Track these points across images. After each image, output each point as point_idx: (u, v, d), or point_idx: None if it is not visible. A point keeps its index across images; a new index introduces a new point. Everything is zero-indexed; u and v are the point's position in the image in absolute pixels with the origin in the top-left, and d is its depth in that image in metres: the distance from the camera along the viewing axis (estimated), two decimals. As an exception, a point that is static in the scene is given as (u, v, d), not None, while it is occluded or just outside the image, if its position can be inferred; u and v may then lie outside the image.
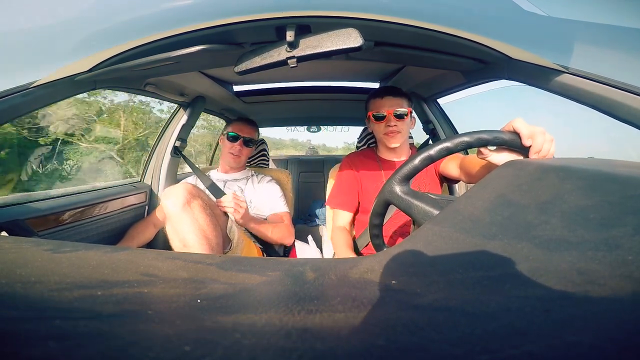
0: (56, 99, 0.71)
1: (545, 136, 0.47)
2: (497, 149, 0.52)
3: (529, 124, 0.48)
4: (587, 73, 0.59)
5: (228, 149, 1.32)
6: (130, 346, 0.15)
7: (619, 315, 0.16)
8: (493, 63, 0.78)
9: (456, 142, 0.47)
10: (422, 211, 0.46)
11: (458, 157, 0.94)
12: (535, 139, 0.47)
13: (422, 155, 0.48)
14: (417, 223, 0.47)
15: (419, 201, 0.47)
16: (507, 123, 0.50)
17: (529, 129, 0.47)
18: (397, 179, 0.50)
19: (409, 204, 0.48)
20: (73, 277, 0.26)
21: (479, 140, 0.47)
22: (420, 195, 0.48)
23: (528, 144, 0.47)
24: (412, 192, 0.49)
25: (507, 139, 0.48)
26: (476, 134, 0.47)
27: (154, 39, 0.66)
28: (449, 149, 0.47)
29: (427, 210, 0.45)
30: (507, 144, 0.48)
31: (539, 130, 0.47)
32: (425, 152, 0.48)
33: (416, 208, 0.47)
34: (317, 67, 1.26)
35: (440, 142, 0.48)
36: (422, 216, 0.45)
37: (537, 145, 0.47)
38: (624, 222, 0.22)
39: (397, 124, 1.00)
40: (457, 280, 0.23)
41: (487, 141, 0.48)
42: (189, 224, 0.85)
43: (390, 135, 1.01)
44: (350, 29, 0.59)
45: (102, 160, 4.09)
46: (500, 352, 0.14)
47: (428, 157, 0.48)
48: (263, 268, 0.30)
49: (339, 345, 0.16)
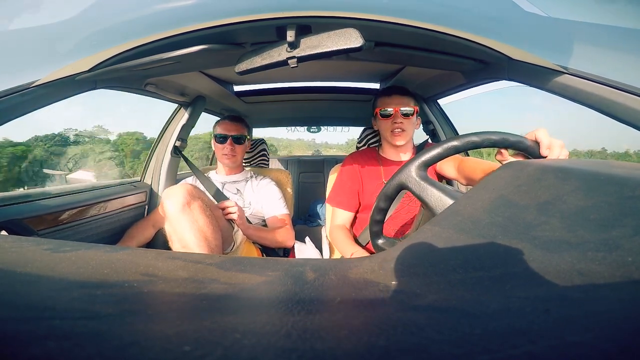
0: (56, 99, 0.71)
1: (562, 150, 0.49)
2: (514, 154, 0.54)
3: (549, 134, 0.50)
4: (587, 74, 0.59)
5: (220, 150, 1.30)
6: (130, 346, 0.15)
7: (619, 315, 0.16)
8: (493, 63, 0.78)
9: (483, 137, 0.48)
10: (437, 198, 0.46)
11: (457, 159, 0.94)
12: (552, 150, 0.49)
13: (447, 145, 0.49)
14: (430, 210, 0.47)
15: (436, 188, 0.47)
16: (530, 131, 0.52)
17: (550, 140, 0.49)
18: (418, 163, 0.50)
19: (425, 189, 0.48)
20: (73, 277, 0.26)
21: (502, 141, 0.49)
22: (437, 183, 0.48)
23: (545, 154, 0.49)
24: (429, 179, 0.49)
25: (528, 145, 0.49)
26: (502, 134, 0.49)
27: (155, 39, 0.66)
28: (475, 143, 0.48)
29: (443, 199, 0.45)
30: (527, 150, 0.50)
31: (558, 143, 0.49)
32: (450, 141, 0.49)
33: (431, 194, 0.47)
34: (318, 67, 1.26)
35: (468, 136, 0.49)
36: (437, 204, 0.46)
37: (553, 157, 0.49)
38: (623, 223, 0.22)
39: (403, 122, 1.02)
40: (457, 280, 0.23)
41: (511, 143, 0.49)
42: (189, 225, 0.85)
43: (396, 133, 1.03)
44: (351, 29, 0.59)
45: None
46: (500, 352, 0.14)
47: (453, 147, 0.49)
48: (263, 268, 0.30)
49: (339, 345, 0.16)
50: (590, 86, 0.58)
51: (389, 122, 1.03)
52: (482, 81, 1.00)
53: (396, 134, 1.03)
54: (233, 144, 1.29)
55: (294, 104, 1.88)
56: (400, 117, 1.02)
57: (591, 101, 0.58)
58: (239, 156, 1.32)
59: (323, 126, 2.69)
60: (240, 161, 1.36)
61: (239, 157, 1.32)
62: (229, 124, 1.30)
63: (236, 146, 1.29)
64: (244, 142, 1.32)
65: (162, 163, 1.42)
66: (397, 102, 1.02)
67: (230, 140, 1.28)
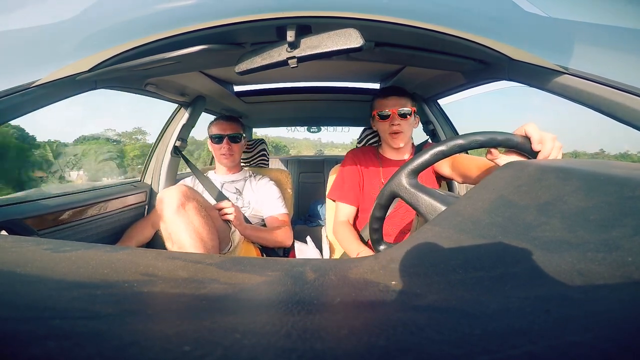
0: (57, 99, 0.71)
1: (554, 143, 0.47)
2: (506, 152, 0.52)
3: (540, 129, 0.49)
4: (587, 74, 0.59)
5: (218, 150, 1.30)
6: (129, 346, 0.15)
7: (619, 315, 0.16)
8: (493, 64, 0.78)
9: (469, 139, 0.47)
10: (429, 205, 0.46)
11: (451, 157, 0.94)
12: (545, 144, 0.47)
13: (433, 150, 0.48)
14: (423, 217, 0.47)
15: (427, 195, 0.47)
16: (519, 127, 0.50)
17: (540, 134, 0.47)
18: (407, 172, 0.50)
19: (416, 197, 0.48)
20: (73, 277, 0.26)
21: (491, 140, 0.48)
22: (428, 189, 0.48)
23: (537, 149, 0.47)
24: (420, 186, 0.49)
25: (518, 141, 0.48)
26: (489, 134, 0.48)
27: (155, 39, 0.66)
28: (461, 146, 0.47)
29: (434, 205, 0.45)
30: (518, 147, 0.48)
31: (550, 136, 0.47)
32: (437, 147, 0.48)
33: (423, 202, 0.47)
34: (318, 67, 1.26)
35: (454, 139, 0.48)
36: (429, 210, 0.46)
37: (546, 151, 0.47)
38: (623, 223, 0.22)
39: (401, 123, 1.02)
40: (457, 280, 0.23)
41: (499, 142, 0.48)
42: (184, 226, 0.85)
43: (395, 135, 1.03)
44: (351, 29, 0.59)
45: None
46: (500, 352, 0.14)
47: (440, 153, 0.48)
48: (263, 268, 0.30)
49: (339, 345, 0.16)
50: (590, 86, 0.58)
51: (387, 123, 1.04)
52: (482, 81, 1.00)
53: (394, 136, 1.03)
54: (230, 143, 1.29)
55: (294, 104, 1.88)
56: (397, 119, 1.02)
57: (591, 101, 0.58)
58: (237, 155, 1.33)
59: (323, 126, 2.69)
60: (238, 160, 1.36)
61: (236, 156, 1.33)
62: (224, 123, 1.31)
63: (233, 145, 1.30)
64: (240, 140, 1.33)
65: (162, 163, 1.42)
66: (394, 104, 1.03)
67: (226, 139, 1.28)
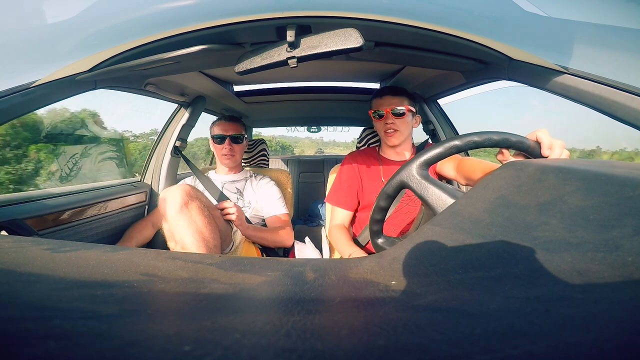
0: (57, 99, 0.71)
1: (562, 150, 0.49)
2: (515, 154, 0.54)
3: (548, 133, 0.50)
4: (587, 74, 0.59)
5: (219, 151, 1.30)
6: (130, 346, 0.15)
7: (619, 315, 0.16)
8: (493, 63, 0.78)
9: (484, 137, 0.48)
10: (439, 197, 0.46)
11: (456, 159, 0.94)
12: (553, 150, 0.49)
13: (449, 144, 0.49)
14: (431, 208, 0.47)
15: (437, 187, 0.47)
16: (531, 132, 0.52)
17: (551, 140, 0.49)
18: (420, 162, 0.50)
19: (426, 188, 0.48)
20: (73, 277, 0.26)
21: (504, 141, 0.49)
22: (437, 182, 0.48)
23: (546, 154, 0.49)
24: (430, 178, 0.49)
25: (529, 145, 0.49)
26: (503, 134, 0.48)
27: (155, 39, 0.66)
28: (476, 143, 0.48)
29: (443, 197, 0.45)
30: (528, 150, 0.50)
31: (559, 143, 0.49)
32: (452, 141, 0.49)
33: (433, 193, 0.47)
34: (318, 67, 1.26)
35: (469, 135, 0.48)
36: (438, 202, 0.46)
37: (554, 157, 0.49)
38: (623, 223, 0.22)
39: (395, 122, 1.03)
40: (457, 280, 0.23)
41: (512, 143, 0.49)
42: (187, 225, 0.84)
43: (389, 133, 1.04)
44: (351, 29, 0.59)
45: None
46: (500, 352, 0.14)
47: (455, 147, 0.48)
48: (263, 268, 0.30)
49: (339, 345, 0.16)
50: (590, 86, 0.58)
51: (382, 122, 1.05)
52: (482, 81, 1.00)
53: (389, 134, 1.04)
54: (231, 144, 1.29)
55: (294, 104, 1.89)
56: (392, 118, 1.03)
57: (591, 101, 0.58)
58: (238, 155, 1.33)
59: (323, 126, 2.69)
60: (239, 160, 1.36)
61: (238, 157, 1.33)
62: (226, 124, 1.31)
63: (234, 145, 1.30)
64: (242, 141, 1.33)
65: (162, 163, 1.42)
66: (388, 103, 1.03)
67: (228, 140, 1.29)
